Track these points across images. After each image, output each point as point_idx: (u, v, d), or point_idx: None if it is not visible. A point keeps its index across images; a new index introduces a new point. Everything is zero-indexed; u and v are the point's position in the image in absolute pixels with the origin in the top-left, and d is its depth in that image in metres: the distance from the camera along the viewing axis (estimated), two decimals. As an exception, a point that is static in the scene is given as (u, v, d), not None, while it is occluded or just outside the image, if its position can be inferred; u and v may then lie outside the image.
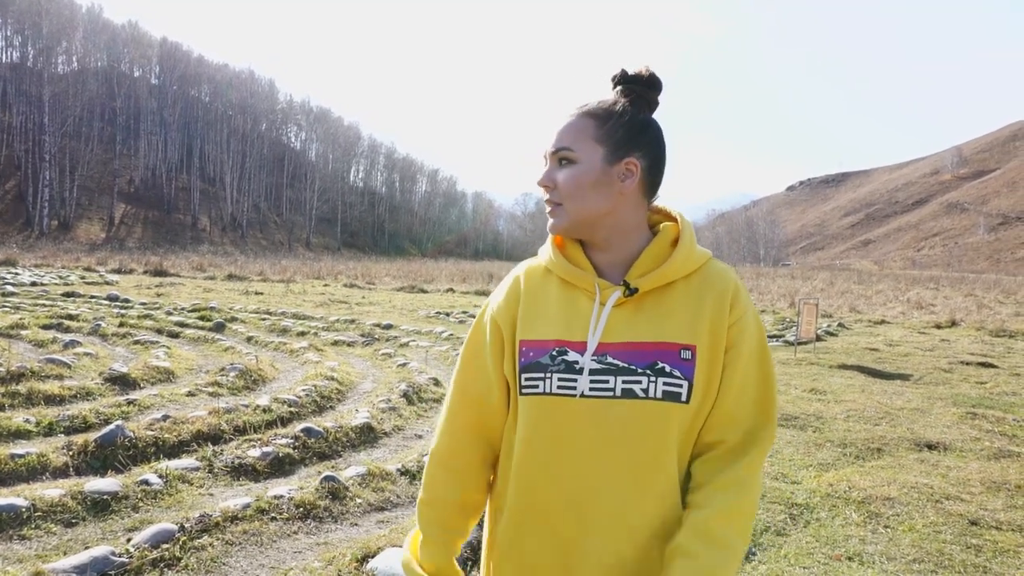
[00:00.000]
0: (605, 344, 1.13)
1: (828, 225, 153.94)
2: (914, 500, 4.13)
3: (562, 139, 1.18)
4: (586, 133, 1.17)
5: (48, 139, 52.69)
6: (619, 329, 1.14)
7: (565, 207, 1.17)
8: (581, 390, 1.11)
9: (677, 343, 1.11)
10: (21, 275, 18.35)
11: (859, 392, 7.83)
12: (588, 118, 1.18)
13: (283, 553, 3.10)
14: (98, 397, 5.61)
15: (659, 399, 1.09)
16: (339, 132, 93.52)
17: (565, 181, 1.16)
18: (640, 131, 1.18)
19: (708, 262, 1.20)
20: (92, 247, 44.54)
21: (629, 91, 1.19)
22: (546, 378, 1.13)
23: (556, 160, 1.18)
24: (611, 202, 1.17)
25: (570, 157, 1.17)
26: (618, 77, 1.20)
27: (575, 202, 1.16)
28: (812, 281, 38.17)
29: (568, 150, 1.17)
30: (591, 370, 1.11)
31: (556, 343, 1.15)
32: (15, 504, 3.27)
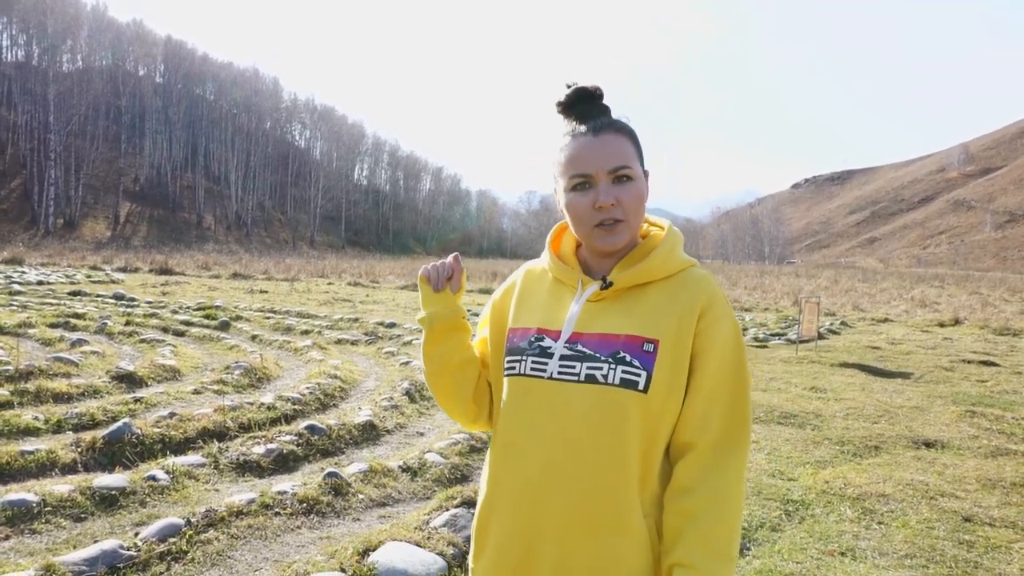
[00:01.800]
0: (579, 333, 1.21)
1: (833, 223, 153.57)
2: (909, 497, 4.18)
3: (620, 157, 1.22)
4: (631, 149, 1.24)
5: (53, 138, 52.92)
6: (594, 321, 1.22)
7: (629, 223, 1.23)
8: (550, 372, 1.20)
9: (642, 336, 1.18)
10: (27, 274, 18.49)
11: (859, 390, 7.88)
12: (623, 135, 1.24)
13: (287, 547, 3.18)
14: (105, 395, 5.69)
15: (616, 385, 1.15)
16: (343, 130, 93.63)
17: (631, 199, 1.22)
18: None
19: (689, 268, 1.26)
20: (98, 246, 44.75)
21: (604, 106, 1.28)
22: (523, 360, 1.24)
23: (612, 178, 1.22)
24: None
25: (630, 175, 1.22)
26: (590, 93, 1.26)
27: (637, 218, 1.25)
28: (816, 279, 38.13)
29: (628, 168, 1.22)
30: (562, 355, 1.20)
31: (537, 330, 1.25)
32: (26, 499, 3.36)
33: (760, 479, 4.43)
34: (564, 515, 1.17)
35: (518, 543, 1.21)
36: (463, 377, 1.36)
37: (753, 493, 4.15)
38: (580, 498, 1.16)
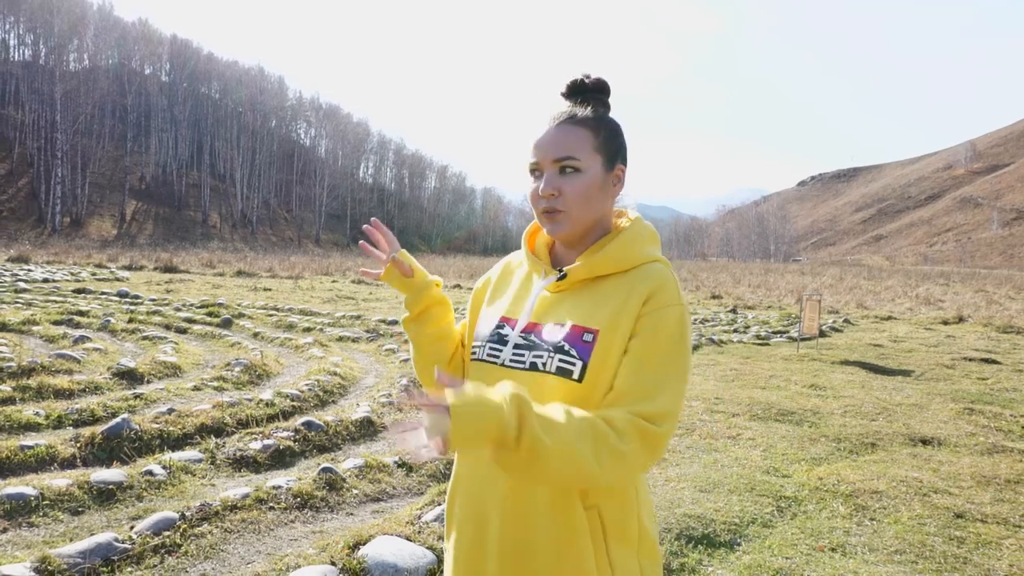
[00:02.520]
0: (534, 323, 1.26)
1: (839, 220, 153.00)
2: (902, 493, 4.19)
3: (566, 148, 1.22)
4: (586, 142, 1.24)
5: (60, 136, 53.17)
6: (549, 311, 1.26)
7: (569, 214, 1.24)
8: (503, 360, 1.25)
9: (583, 326, 1.20)
10: (33, 272, 18.60)
11: (859, 388, 7.88)
12: (583, 127, 1.24)
13: (279, 541, 3.21)
14: (106, 391, 5.74)
15: (552, 373, 1.18)
16: (348, 128, 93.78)
17: (573, 190, 1.23)
18: (622, 138, 1.29)
19: (649, 263, 1.25)
20: (104, 244, 44.94)
21: (595, 99, 1.28)
22: (483, 347, 1.29)
23: (557, 168, 1.23)
24: (605, 207, 1.28)
25: (576, 166, 1.23)
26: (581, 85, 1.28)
27: (581, 210, 1.24)
28: (821, 277, 38.03)
29: (574, 159, 1.22)
30: (516, 344, 1.25)
31: (500, 319, 1.30)
32: (24, 493, 3.40)
33: (754, 476, 4.44)
34: (506, 497, 1.21)
35: (472, 523, 1.26)
36: (436, 351, 1.42)
37: (746, 489, 4.17)
38: (505, 487, 1.21)
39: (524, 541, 1.20)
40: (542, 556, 1.19)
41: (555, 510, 1.19)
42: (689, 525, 3.55)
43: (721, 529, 3.56)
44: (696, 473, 4.46)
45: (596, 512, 1.20)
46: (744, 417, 6.18)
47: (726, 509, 3.82)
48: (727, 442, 5.33)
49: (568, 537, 1.19)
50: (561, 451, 1.04)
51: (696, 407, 6.46)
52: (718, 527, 3.58)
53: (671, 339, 1.18)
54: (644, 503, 1.28)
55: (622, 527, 1.22)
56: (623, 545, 1.22)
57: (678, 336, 1.19)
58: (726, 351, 10.75)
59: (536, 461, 1.03)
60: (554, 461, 1.04)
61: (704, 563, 3.22)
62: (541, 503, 1.19)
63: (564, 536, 1.19)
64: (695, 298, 22.83)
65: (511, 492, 1.21)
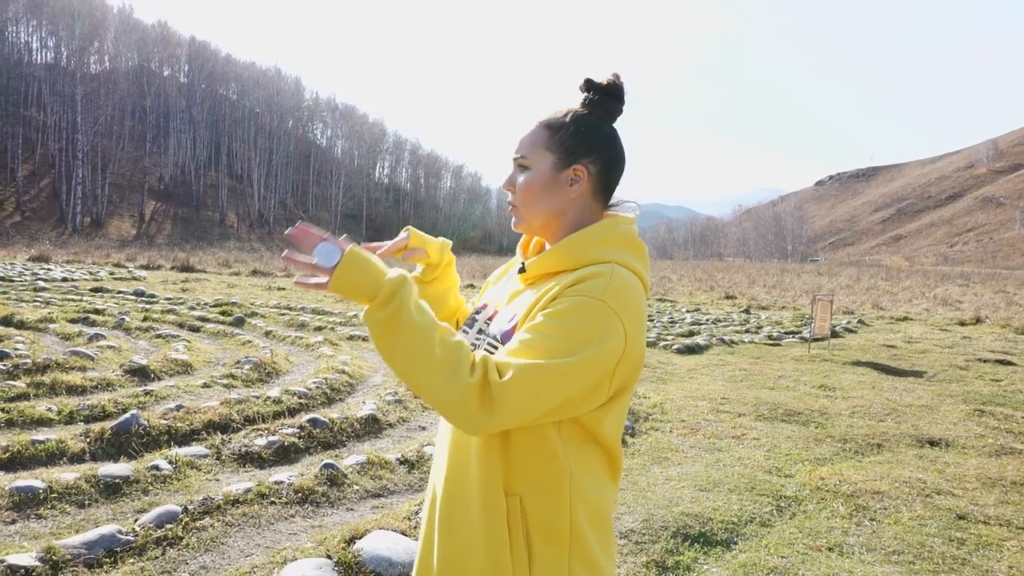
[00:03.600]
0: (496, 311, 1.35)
1: (858, 220, 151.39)
2: (904, 494, 4.18)
3: (520, 147, 1.31)
4: (539, 142, 1.28)
5: (81, 138, 53.94)
6: (511, 302, 1.32)
7: (519, 209, 1.31)
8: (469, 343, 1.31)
9: (512, 313, 1.28)
10: (53, 271, 18.89)
11: (869, 389, 7.83)
12: (544, 128, 1.29)
13: (279, 534, 3.26)
14: (118, 388, 5.84)
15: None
16: (364, 129, 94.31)
17: (520, 186, 1.30)
18: (590, 138, 1.27)
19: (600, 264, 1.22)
20: (123, 243, 45.51)
21: (589, 99, 1.30)
22: (461, 329, 1.40)
23: (516, 166, 1.32)
24: (560, 205, 1.28)
25: (525, 164, 1.29)
26: (583, 85, 1.31)
27: (526, 206, 1.30)
28: (837, 277, 37.71)
29: (524, 157, 1.29)
30: (478, 329, 1.35)
31: (482, 305, 1.41)
32: (33, 486, 3.48)
33: (755, 475, 4.44)
34: (446, 478, 1.27)
35: (429, 499, 1.35)
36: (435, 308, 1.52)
37: (746, 489, 4.17)
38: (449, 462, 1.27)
39: (449, 525, 1.24)
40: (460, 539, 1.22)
41: (476, 493, 1.21)
42: (686, 523, 3.56)
43: (718, 528, 3.57)
44: (697, 472, 4.47)
45: (517, 500, 1.19)
46: (750, 417, 6.17)
47: (725, 508, 3.82)
48: (731, 442, 5.33)
49: (490, 521, 1.19)
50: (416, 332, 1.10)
51: (702, 407, 6.45)
52: (715, 526, 3.58)
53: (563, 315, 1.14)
54: (586, 507, 1.22)
55: (548, 523, 1.19)
56: (550, 542, 1.19)
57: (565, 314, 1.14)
58: (736, 351, 10.71)
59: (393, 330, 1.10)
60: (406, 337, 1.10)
61: (699, 561, 3.23)
62: (468, 487, 1.22)
63: (487, 520, 1.19)
64: (708, 298, 22.73)
65: (450, 472, 1.26)
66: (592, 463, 1.23)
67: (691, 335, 12.09)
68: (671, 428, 5.65)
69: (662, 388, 7.39)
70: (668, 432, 5.52)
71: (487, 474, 1.20)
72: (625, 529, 3.46)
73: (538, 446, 1.19)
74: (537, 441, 1.19)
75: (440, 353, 1.10)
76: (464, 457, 1.24)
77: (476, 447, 1.22)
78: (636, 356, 1.18)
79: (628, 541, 3.34)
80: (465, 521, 1.22)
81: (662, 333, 12.13)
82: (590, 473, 1.23)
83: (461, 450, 1.25)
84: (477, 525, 1.20)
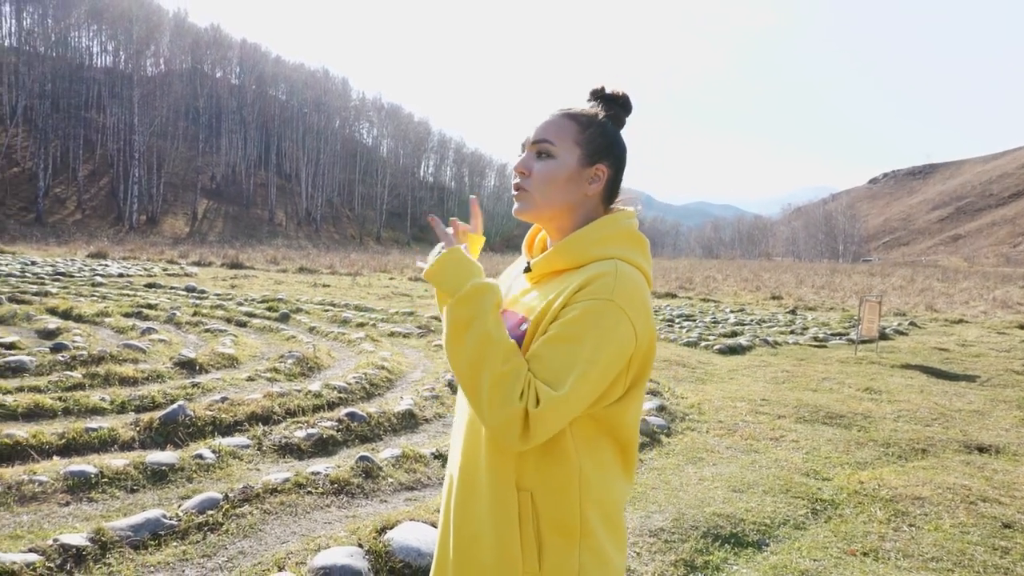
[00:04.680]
0: (504, 311, 1.32)
1: (914, 219, 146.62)
2: (946, 501, 4.06)
3: (545, 133, 1.30)
4: (568, 133, 1.30)
5: (137, 138, 55.81)
6: (518, 301, 1.33)
7: (532, 195, 1.31)
8: None
9: (523, 316, 1.27)
10: (110, 267, 19.65)
11: (917, 392, 7.61)
12: (572, 120, 1.31)
13: (314, 523, 3.36)
14: (167, 380, 6.07)
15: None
16: (409, 128, 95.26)
17: (540, 172, 1.30)
18: (613, 143, 1.33)
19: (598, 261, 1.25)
20: (176, 241, 46.96)
21: (608, 107, 1.34)
22: None
23: (535, 150, 1.31)
24: (575, 200, 1.32)
25: (550, 151, 1.30)
26: (599, 92, 1.35)
27: (544, 194, 1.30)
28: (890, 278, 36.60)
29: (549, 143, 1.30)
30: None
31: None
32: (86, 471, 3.66)
33: (791, 477, 4.38)
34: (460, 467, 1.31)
35: (445, 489, 1.38)
36: None
37: (781, 491, 4.12)
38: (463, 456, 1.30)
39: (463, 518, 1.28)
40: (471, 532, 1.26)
41: (489, 488, 1.24)
42: (717, 524, 3.54)
43: (750, 529, 3.54)
44: (732, 473, 4.43)
45: (528, 495, 1.22)
46: (790, 419, 6.07)
47: (758, 509, 3.78)
48: (769, 443, 5.26)
49: (501, 515, 1.23)
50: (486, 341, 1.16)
51: (740, 408, 6.37)
52: (747, 527, 3.55)
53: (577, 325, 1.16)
54: (596, 502, 1.25)
55: (559, 517, 1.22)
56: (560, 536, 1.22)
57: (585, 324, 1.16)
58: (780, 353, 10.52)
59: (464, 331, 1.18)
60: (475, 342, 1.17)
61: (729, 562, 3.21)
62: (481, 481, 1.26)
63: (498, 513, 1.23)
64: (754, 299, 22.33)
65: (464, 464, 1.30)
66: (604, 458, 1.26)
67: (733, 335, 11.92)
68: (708, 429, 5.60)
69: (701, 388, 7.32)
70: (704, 432, 5.48)
71: (498, 469, 1.23)
72: (655, 528, 3.46)
73: (550, 445, 1.22)
74: (549, 441, 1.22)
75: (503, 370, 1.15)
76: (476, 450, 1.27)
77: (487, 441, 1.25)
78: (647, 347, 1.23)
79: (657, 539, 3.34)
80: (476, 512, 1.26)
81: (704, 333, 11.99)
82: (601, 468, 1.25)
83: (474, 443, 1.28)
84: (487, 517, 1.24)
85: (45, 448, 4.08)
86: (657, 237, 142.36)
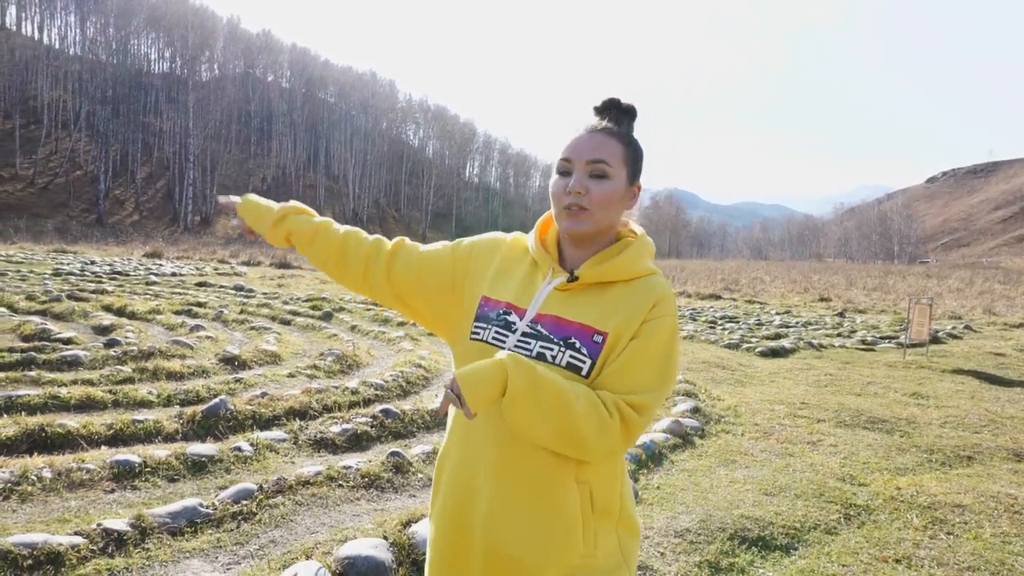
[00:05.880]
0: (541, 315, 1.33)
1: (975, 219, 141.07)
2: (989, 509, 3.94)
3: (600, 152, 1.33)
4: (618, 153, 1.34)
5: (192, 142, 57.66)
6: (557, 306, 1.34)
7: (593, 214, 1.34)
8: (509, 345, 1.32)
9: (594, 328, 1.29)
10: (164, 266, 20.35)
11: (967, 398, 7.36)
12: (617, 139, 1.35)
13: (343, 515, 3.45)
14: (212, 375, 6.27)
15: (563, 367, 1.28)
16: (455, 129, 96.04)
17: (600, 192, 1.32)
18: (642, 162, 1.40)
19: (651, 275, 1.36)
20: (228, 241, 48.25)
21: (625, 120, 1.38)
22: (487, 329, 1.36)
23: (588, 169, 1.33)
24: (618, 216, 1.39)
25: (606, 172, 1.33)
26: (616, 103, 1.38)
27: (603, 213, 1.34)
28: (947, 280, 35.31)
29: (606, 164, 1.32)
30: (522, 332, 1.33)
31: (506, 305, 1.37)
32: (130, 460, 3.82)
33: (826, 482, 4.30)
34: (498, 467, 1.30)
35: (458, 494, 1.36)
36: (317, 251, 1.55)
37: (814, 495, 4.05)
38: (511, 453, 1.29)
39: (513, 512, 1.29)
40: (530, 526, 1.29)
41: (549, 484, 1.28)
42: (745, 526, 3.51)
43: (779, 532, 3.49)
44: (764, 476, 4.37)
45: (588, 487, 1.31)
46: (829, 423, 5.95)
47: (788, 513, 3.73)
48: (805, 447, 5.16)
49: (558, 509, 1.28)
50: (558, 399, 1.19)
51: (778, 411, 6.27)
52: (776, 530, 3.51)
53: (664, 345, 1.30)
54: (625, 483, 1.40)
55: (607, 503, 1.34)
56: (605, 519, 1.34)
57: (670, 343, 1.31)
58: (824, 356, 10.29)
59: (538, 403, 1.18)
60: (550, 406, 1.19)
61: (755, 564, 3.18)
62: (536, 479, 1.29)
63: (554, 508, 1.28)
64: (801, 300, 21.86)
65: (503, 463, 1.30)
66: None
67: (777, 338, 11.70)
68: (743, 431, 5.53)
69: (739, 391, 7.22)
70: (739, 435, 5.41)
71: (560, 466, 1.29)
72: (680, 528, 3.44)
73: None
74: None
75: (584, 408, 1.21)
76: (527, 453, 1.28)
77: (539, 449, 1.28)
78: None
79: (683, 540, 3.33)
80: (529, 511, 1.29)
81: (746, 335, 11.81)
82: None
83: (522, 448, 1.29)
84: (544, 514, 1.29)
85: (94, 438, 4.27)
86: (704, 238, 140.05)
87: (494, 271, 1.44)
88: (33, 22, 66.67)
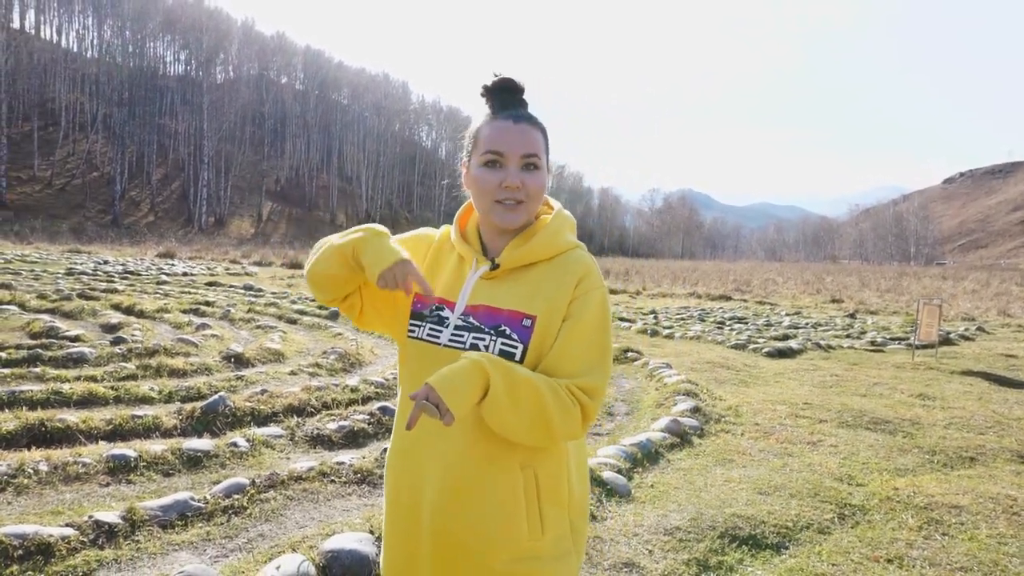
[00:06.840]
0: (473, 307, 1.35)
1: (993, 221, 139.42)
2: (986, 510, 3.89)
3: (532, 146, 1.36)
4: (542, 143, 1.39)
5: (207, 143, 58.16)
6: (486, 295, 1.35)
7: (528, 207, 1.37)
8: (443, 340, 1.35)
9: (522, 312, 1.31)
10: (176, 266, 20.55)
11: (974, 400, 7.28)
12: (538, 129, 1.39)
13: (334, 510, 3.47)
14: (215, 372, 6.32)
15: (495, 355, 1.28)
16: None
17: (535, 185, 1.36)
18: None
19: (572, 250, 1.38)
20: (241, 241, 48.64)
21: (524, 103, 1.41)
22: (422, 326, 1.39)
23: (521, 164, 1.35)
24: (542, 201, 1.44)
25: (537, 164, 1.37)
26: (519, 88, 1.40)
27: (535, 204, 1.38)
28: (963, 282, 34.93)
29: (537, 157, 1.37)
30: (455, 326, 1.35)
31: (438, 300, 1.40)
32: (126, 455, 3.87)
33: (822, 482, 4.26)
34: (444, 454, 1.32)
35: (409, 489, 1.37)
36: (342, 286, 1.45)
37: (809, 495, 4.02)
38: (455, 443, 1.31)
39: (458, 498, 1.31)
40: (475, 512, 1.30)
41: (494, 470, 1.30)
42: (736, 525, 3.49)
43: (770, 531, 3.47)
44: (759, 475, 4.34)
45: (532, 472, 1.32)
46: (831, 424, 5.90)
47: (781, 512, 3.70)
48: (804, 447, 5.12)
49: (501, 495, 1.30)
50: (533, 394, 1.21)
51: (780, 411, 6.22)
52: (767, 529, 3.48)
53: (597, 319, 1.32)
54: (576, 465, 1.41)
55: (555, 489, 1.35)
56: (555, 505, 1.34)
57: (602, 317, 1.33)
58: (832, 356, 10.20)
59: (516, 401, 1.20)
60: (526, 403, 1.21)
61: (744, 563, 3.16)
62: (481, 465, 1.30)
63: (497, 494, 1.29)
64: (813, 302, 21.70)
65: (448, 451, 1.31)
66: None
67: (785, 339, 11.62)
68: (743, 431, 5.50)
69: (742, 391, 7.17)
70: (738, 435, 5.38)
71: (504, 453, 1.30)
72: (670, 526, 3.43)
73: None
74: None
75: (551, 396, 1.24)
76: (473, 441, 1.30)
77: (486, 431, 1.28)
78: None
79: (672, 538, 3.32)
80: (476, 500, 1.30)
81: (753, 336, 11.74)
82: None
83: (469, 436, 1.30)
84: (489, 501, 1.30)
85: (93, 433, 4.32)
86: (717, 239, 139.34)
87: (425, 268, 1.46)
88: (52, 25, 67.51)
